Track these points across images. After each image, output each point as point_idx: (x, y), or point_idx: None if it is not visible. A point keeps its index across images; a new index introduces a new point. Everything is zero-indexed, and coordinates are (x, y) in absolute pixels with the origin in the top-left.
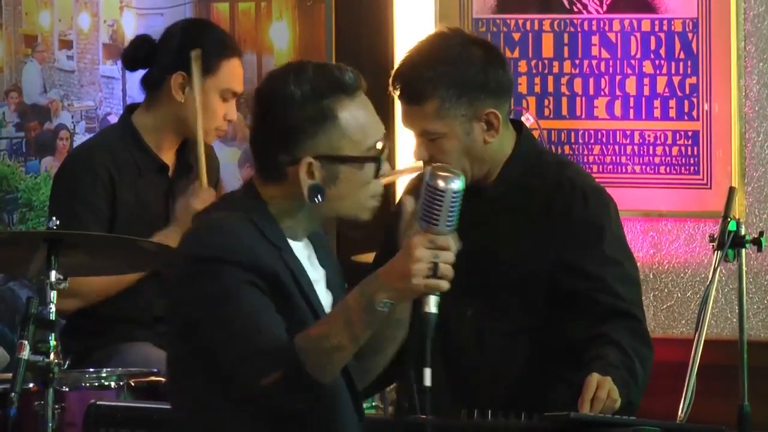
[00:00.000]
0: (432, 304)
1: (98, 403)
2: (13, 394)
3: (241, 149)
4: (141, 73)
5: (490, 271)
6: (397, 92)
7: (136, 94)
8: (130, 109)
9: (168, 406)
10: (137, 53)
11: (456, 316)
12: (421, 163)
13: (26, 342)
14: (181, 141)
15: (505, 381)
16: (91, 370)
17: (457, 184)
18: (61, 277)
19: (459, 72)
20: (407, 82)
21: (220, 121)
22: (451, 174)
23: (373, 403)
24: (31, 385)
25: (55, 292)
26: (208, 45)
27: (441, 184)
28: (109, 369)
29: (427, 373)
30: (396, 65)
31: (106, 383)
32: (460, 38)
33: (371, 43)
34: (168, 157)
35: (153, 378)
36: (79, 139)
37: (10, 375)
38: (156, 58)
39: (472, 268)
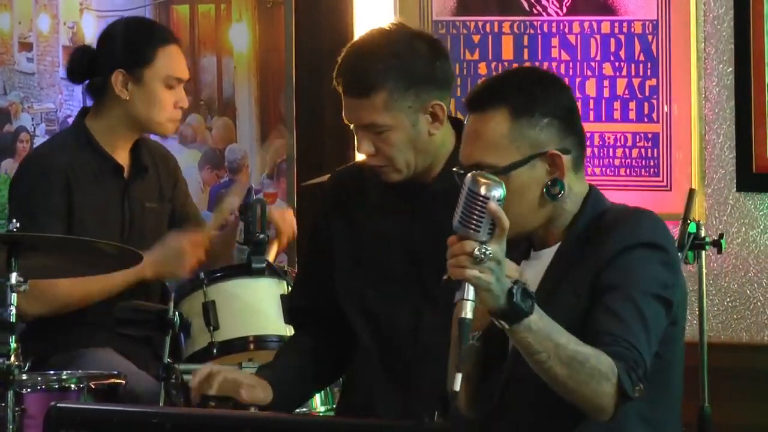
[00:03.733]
0: (468, 309)
1: (59, 405)
2: None
3: (201, 151)
4: (80, 80)
5: (428, 263)
6: (342, 86)
7: None
8: (83, 112)
9: (128, 409)
10: (81, 63)
11: (393, 307)
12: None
13: None
14: (134, 141)
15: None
16: (52, 372)
17: (500, 192)
18: (22, 279)
19: (407, 64)
20: (354, 75)
21: (171, 110)
22: (493, 181)
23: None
24: None
25: (16, 294)
26: (139, 36)
27: (484, 191)
28: (69, 371)
29: (458, 378)
30: (340, 58)
31: (67, 385)
32: (405, 32)
33: (331, 45)
34: (122, 158)
35: (113, 380)
36: (39, 141)
37: None
38: (97, 64)
39: (412, 261)
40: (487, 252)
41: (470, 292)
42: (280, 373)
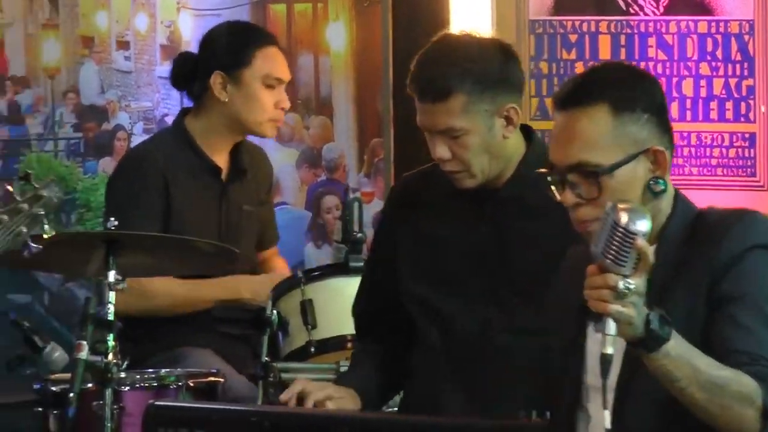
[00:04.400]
0: (609, 344)
1: (157, 403)
2: (71, 394)
3: (298, 150)
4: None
5: (495, 267)
6: (418, 92)
7: None
8: (183, 112)
9: (227, 407)
10: (184, 69)
11: (460, 310)
12: None
13: (85, 342)
14: (233, 143)
15: (511, 382)
16: (150, 370)
17: (647, 226)
18: (120, 277)
19: (481, 68)
20: (431, 80)
21: (271, 111)
22: (638, 212)
23: None
24: (89, 385)
25: (114, 292)
26: (237, 38)
27: (632, 225)
28: (168, 369)
29: (607, 416)
30: (413, 66)
31: (165, 383)
32: (474, 38)
33: (428, 43)
34: (221, 160)
35: (212, 378)
36: (137, 139)
37: (68, 375)
38: (198, 68)
39: (478, 264)
40: (631, 286)
41: (612, 327)
42: (362, 380)
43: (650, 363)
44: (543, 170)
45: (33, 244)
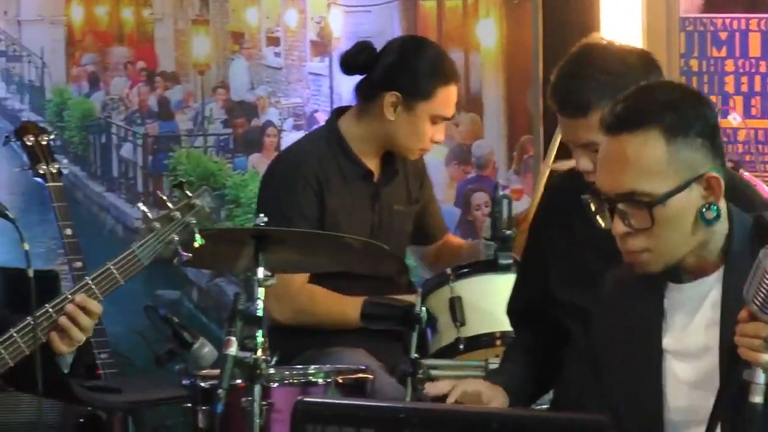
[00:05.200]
0: (758, 394)
1: (305, 399)
2: (220, 390)
3: (448, 147)
4: (349, 73)
5: None
6: (557, 105)
7: (344, 92)
8: (337, 113)
9: (376, 404)
10: (357, 59)
11: None
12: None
13: (233, 338)
14: (383, 151)
15: None
16: (299, 367)
17: None
18: (269, 273)
19: (620, 80)
20: (569, 95)
21: (427, 143)
22: None
23: None
24: (238, 381)
25: (263, 288)
26: (425, 68)
27: None
28: (316, 366)
29: None
30: (553, 77)
31: (314, 380)
32: (615, 47)
33: (577, 42)
34: (373, 164)
35: (361, 375)
36: (286, 136)
37: (217, 371)
38: (374, 68)
39: None
40: None
41: (761, 376)
42: (512, 378)
43: None
44: (585, 196)
45: (183, 253)
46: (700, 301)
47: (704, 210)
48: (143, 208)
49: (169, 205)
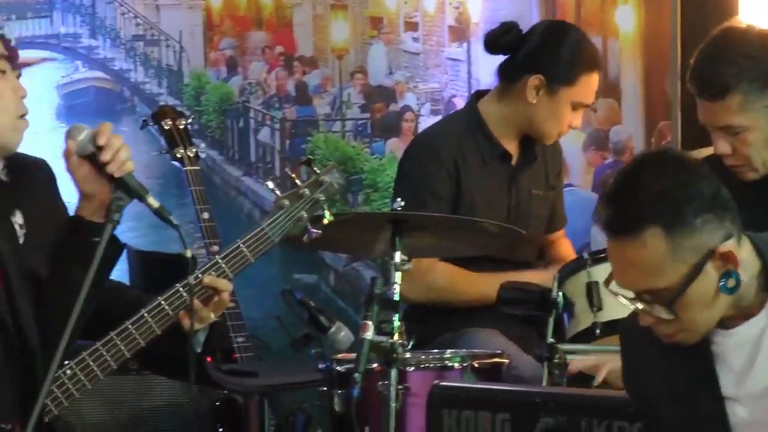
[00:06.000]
0: None
1: (441, 383)
2: (356, 374)
3: (585, 132)
4: (489, 57)
5: None
6: (696, 89)
7: (482, 77)
8: (477, 96)
9: (512, 388)
10: (502, 39)
11: None
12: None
13: (370, 322)
14: (522, 134)
15: None
16: (435, 351)
17: None
18: (406, 258)
19: (759, 66)
20: (708, 79)
21: (564, 128)
22: None
23: None
24: (374, 365)
25: (400, 273)
26: (570, 54)
27: None
28: (452, 350)
29: None
30: (692, 61)
31: (449, 364)
32: (755, 31)
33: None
34: (511, 146)
35: (497, 359)
36: (424, 120)
37: (353, 355)
38: (518, 50)
39: None
40: None
41: None
42: None
43: None
44: (615, 290)
45: (313, 230)
46: (756, 341)
47: (722, 282)
48: (272, 186)
49: (298, 182)
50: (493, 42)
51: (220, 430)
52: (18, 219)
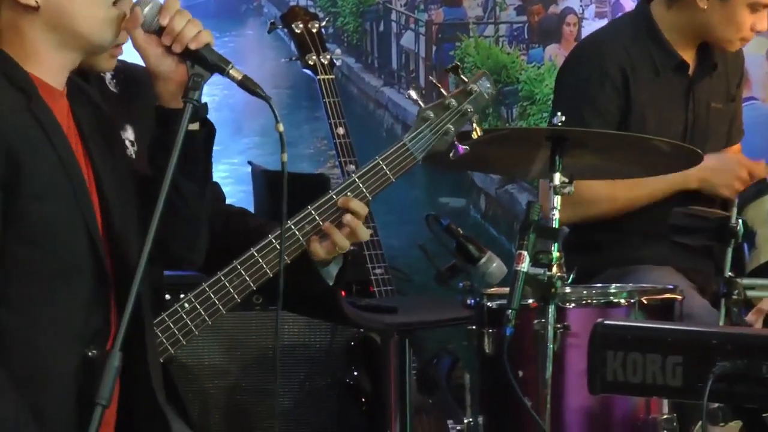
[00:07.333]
0: None
1: (605, 322)
2: (509, 311)
3: None
4: None
5: None
6: None
7: None
8: None
9: (684, 328)
10: None
11: None
12: None
13: (525, 253)
14: (698, 43)
15: None
16: (599, 285)
17: None
18: (566, 180)
19: None
20: None
21: (747, 32)
22: None
23: None
24: (530, 301)
25: (559, 197)
26: None
27: None
28: (618, 285)
29: None
30: None
31: (615, 300)
32: None
33: None
34: (687, 55)
35: (668, 295)
36: (588, 25)
37: (506, 290)
38: None
39: None
40: None
41: None
42: None
43: None
44: None
45: (460, 145)
46: None
47: None
48: (415, 96)
49: (444, 92)
50: None
51: (355, 372)
52: (129, 135)
